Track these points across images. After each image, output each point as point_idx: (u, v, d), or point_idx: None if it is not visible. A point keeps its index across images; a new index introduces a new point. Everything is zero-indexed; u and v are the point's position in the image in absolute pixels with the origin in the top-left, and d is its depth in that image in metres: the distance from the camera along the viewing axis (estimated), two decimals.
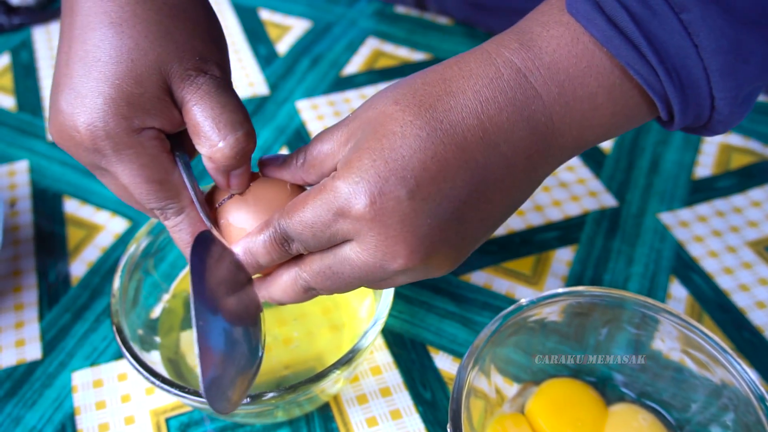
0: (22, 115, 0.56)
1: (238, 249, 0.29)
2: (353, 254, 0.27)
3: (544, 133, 0.27)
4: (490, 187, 0.27)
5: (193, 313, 0.27)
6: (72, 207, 0.50)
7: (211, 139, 0.29)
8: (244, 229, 0.30)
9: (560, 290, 0.35)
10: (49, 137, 0.55)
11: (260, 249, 0.29)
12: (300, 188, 0.31)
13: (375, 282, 0.29)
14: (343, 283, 0.29)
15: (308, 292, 0.30)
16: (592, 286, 0.36)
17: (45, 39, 0.64)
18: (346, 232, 0.27)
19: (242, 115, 0.29)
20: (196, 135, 0.29)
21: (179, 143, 0.31)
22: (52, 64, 0.61)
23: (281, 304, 0.31)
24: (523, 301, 0.35)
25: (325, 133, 0.29)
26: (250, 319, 0.31)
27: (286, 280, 0.30)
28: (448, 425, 0.31)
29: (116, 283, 0.37)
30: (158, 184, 0.30)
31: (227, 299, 0.29)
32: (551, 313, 0.37)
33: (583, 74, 0.26)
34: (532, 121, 0.27)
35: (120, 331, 0.34)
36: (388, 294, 0.36)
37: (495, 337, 0.34)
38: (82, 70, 0.28)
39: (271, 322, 0.40)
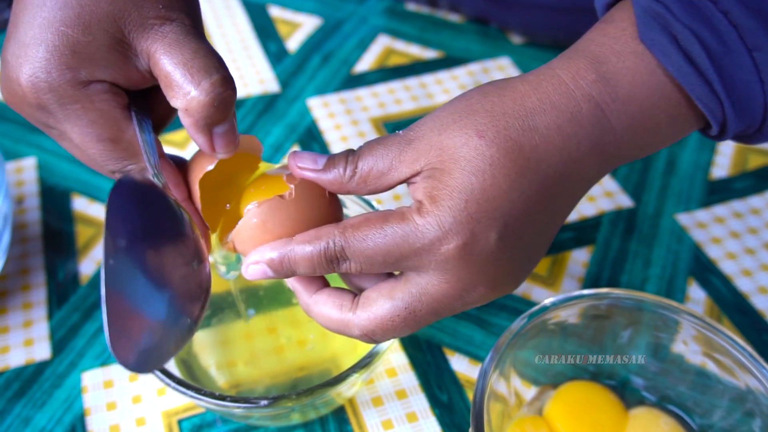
0: None
1: (273, 254, 0.27)
2: (430, 286, 0.27)
3: (610, 160, 0.28)
4: (559, 215, 0.28)
5: (103, 248, 0.24)
6: (81, 205, 0.49)
7: (184, 87, 0.26)
8: (274, 231, 0.28)
9: (585, 291, 0.35)
10: None
11: (304, 260, 0.27)
12: (335, 197, 0.30)
13: (446, 314, 0.28)
14: (414, 322, 0.27)
15: (364, 337, 0.28)
16: (615, 288, 0.35)
17: None
18: (422, 265, 0.26)
19: (216, 60, 0.27)
20: (168, 87, 0.27)
21: (145, 107, 0.29)
22: None
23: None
24: (548, 301, 0.34)
25: (378, 146, 0.28)
26: (186, 291, 0.28)
27: (340, 319, 0.28)
28: (470, 430, 0.30)
29: None
30: (111, 143, 0.27)
31: (159, 258, 0.27)
32: (571, 315, 0.36)
33: (653, 106, 0.27)
34: (604, 153, 0.27)
35: None
36: None
37: (516, 340, 0.34)
38: (27, 17, 0.26)
39: (285, 323, 0.40)
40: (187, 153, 0.52)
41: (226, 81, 0.27)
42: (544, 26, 0.58)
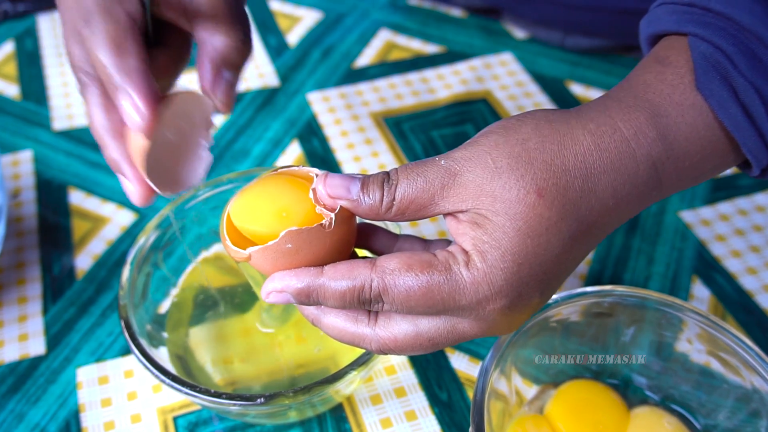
0: (27, 104, 0.55)
1: (301, 285, 0.26)
2: (461, 327, 0.26)
3: (647, 206, 0.28)
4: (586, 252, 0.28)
5: None
6: (77, 198, 0.48)
7: (232, 26, 0.29)
8: (305, 259, 0.27)
9: (588, 288, 0.34)
10: (54, 126, 0.53)
11: (334, 297, 0.26)
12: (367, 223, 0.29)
13: (465, 341, 0.28)
14: (431, 348, 0.27)
15: (379, 351, 0.28)
16: (618, 285, 0.35)
17: (50, 27, 0.62)
18: (463, 316, 0.26)
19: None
20: (216, 20, 0.29)
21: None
22: (58, 52, 0.60)
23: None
24: (576, 291, 0.34)
25: (418, 178, 0.26)
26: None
27: (355, 333, 0.27)
28: (471, 429, 0.30)
29: (125, 275, 0.35)
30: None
31: None
32: (573, 312, 0.35)
33: (703, 159, 0.27)
34: (645, 204, 0.27)
35: (128, 327, 0.33)
36: None
37: (518, 338, 0.33)
38: None
39: (283, 320, 0.39)
40: None
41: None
42: (557, 21, 0.57)
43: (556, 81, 0.56)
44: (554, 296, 0.34)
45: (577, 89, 0.56)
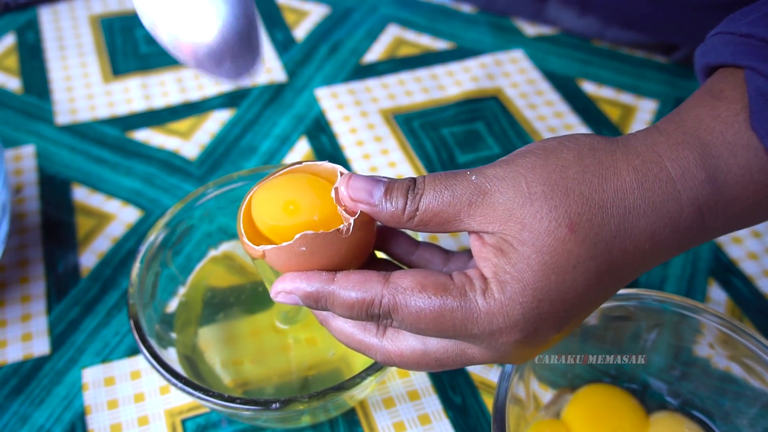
0: (29, 98, 0.54)
1: (310, 289, 0.25)
2: (470, 352, 0.26)
3: (686, 251, 0.27)
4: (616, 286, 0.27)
5: None
6: (81, 195, 0.47)
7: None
8: (319, 263, 0.26)
9: (638, 291, 0.33)
10: (57, 121, 0.52)
11: (343, 306, 0.25)
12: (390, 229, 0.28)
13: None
14: (438, 368, 0.26)
15: (384, 363, 0.27)
16: (639, 289, 0.34)
17: (51, 19, 0.61)
18: (474, 344, 0.25)
19: None
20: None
21: None
22: (59, 45, 0.59)
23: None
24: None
25: (445, 191, 0.25)
26: None
27: (362, 341, 0.27)
28: None
29: (135, 273, 0.34)
30: None
31: None
32: (592, 316, 0.35)
33: (756, 206, 0.25)
34: (685, 248, 0.26)
35: (138, 327, 0.32)
36: None
37: None
38: None
39: (302, 319, 0.38)
40: (191, 143, 0.51)
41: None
42: (597, 6, 0.55)
43: (568, 79, 0.56)
44: None
45: (589, 87, 0.55)
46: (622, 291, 0.34)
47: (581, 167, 0.24)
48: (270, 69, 0.57)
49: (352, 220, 0.25)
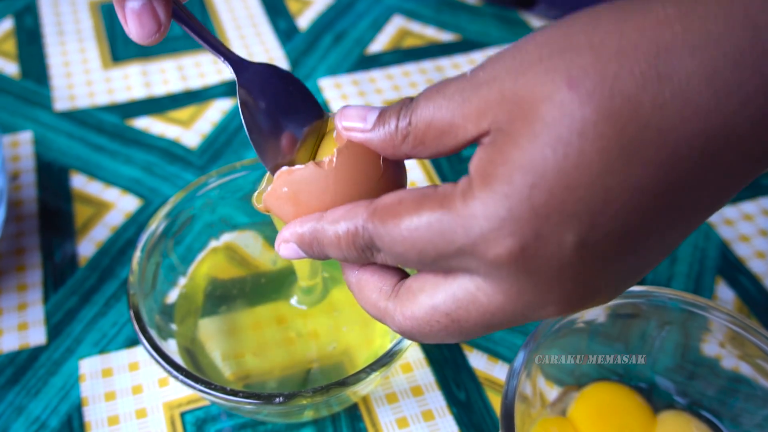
0: (27, 83, 0.53)
1: (303, 230, 0.23)
2: (482, 295, 0.20)
3: None
4: (693, 215, 0.19)
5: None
6: (79, 182, 0.46)
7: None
8: (310, 206, 0.23)
9: (637, 288, 0.33)
10: (56, 107, 0.51)
11: (331, 245, 0.22)
12: (399, 163, 0.24)
13: (501, 328, 0.21)
14: (458, 332, 0.21)
15: (402, 334, 0.23)
16: (645, 286, 0.33)
17: (50, 4, 0.60)
18: (471, 267, 0.20)
19: None
20: None
21: None
22: (58, 30, 0.58)
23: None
24: None
25: (437, 95, 0.20)
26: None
27: (378, 306, 0.23)
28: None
29: (135, 261, 0.34)
30: None
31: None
32: (600, 314, 0.34)
33: None
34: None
35: (138, 318, 0.32)
36: None
37: (545, 340, 0.32)
38: None
39: (296, 315, 0.38)
40: (192, 132, 0.50)
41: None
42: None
43: None
44: None
45: None
46: (640, 288, 0.34)
47: (593, 17, 0.18)
48: (272, 58, 0.56)
49: (335, 150, 0.23)
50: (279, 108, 0.26)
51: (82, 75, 0.54)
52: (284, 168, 0.23)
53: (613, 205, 0.18)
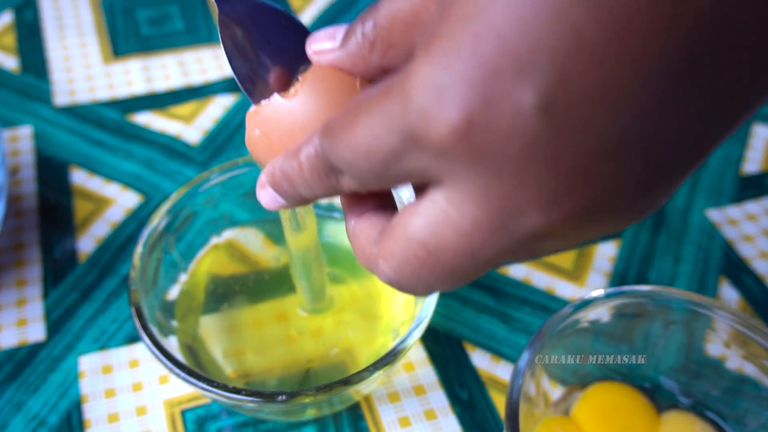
0: (26, 77, 0.53)
1: (273, 169, 0.21)
2: (453, 210, 0.16)
3: None
4: (720, 67, 0.13)
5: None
6: (79, 178, 0.46)
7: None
8: (284, 145, 0.21)
9: (642, 287, 0.33)
10: (56, 102, 0.51)
11: (297, 175, 0.20)
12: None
13: (491, 258, 0.17)
14: (441, 269, 0.17)
15: (390, 284, 0.20)
16: (650, 285, 0.33)
17: None
18: (429, 172, 0.16)
19: None
20: None
21: None
22: (58, 24, 0.57)
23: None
24: (600, 292, 0.32)
25: None
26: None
27: (366, 253, 0.20)
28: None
29: (137, 256, 0.33)
30: None
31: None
32: (605, 313, 0.34)
33: None
34: None
35: (140, 314, 0.31)
36: None
37: (550, 339, 0.31)
38: None
39: (297, 312, 0.37)
40: (193, 128, 0.50)
41: None
42: None
43: None
44: (602, 291, 0.32)
45: None
46: (633, 287, 0.33)
47: None
48: None
49: (298, 77, 0.20)
50: (266, 40, 0.23)
51: (83, 70, 0.53)
52: (252, 108, 0.21)
53: (586, 47, 0.13)
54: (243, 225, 0.40)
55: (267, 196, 0.22)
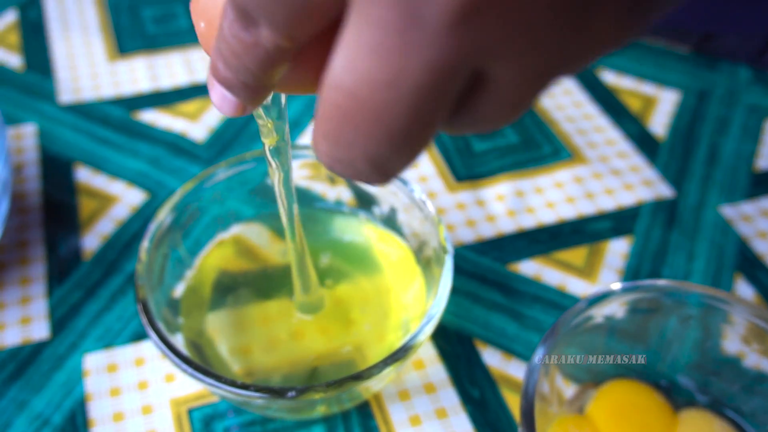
0: (31, 76, 0.52)
1: (212, 53, 0.19)
2: (361, 28, 0.14)
3: None
4: None
5: None
6: (84, 175, 0.46)
7: None
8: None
9: (659, 282, 0.32)
10: (60, 100, 0.50)
11: (227, 53, 0.18)
12: None
13: (429, 80, 0.14)
14: (364, 114, 0.15)
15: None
16: (664, 280, 0.32)
17: None
18: None
19: None
20: None
21: None
22: (63, 23, 0.57)
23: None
24: (617, 285, 0.31)
25: None
26: None
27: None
28: (520, 430, 0.27)
29: (143, 251, 0.33)
30: None
31: None
32: (619, 310, 0.33)
33: None
34: None
35: (146, 309, 0.31)
36: (445, 280, 0.32)
37: (564, 336, 0.31)
38: None
39: (318, 308, 0.37)
40: (199, 126, 0.49)
41: None
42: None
43: (586, 69, 0.54)
44: (619, 285, 0.32)
45: (609, 77, 0.53)
46: (648, 282, 0.33)
47: None
48: None
49: None
50: None
51: (87, 68, 0.53)
52: None
53: None
54: (249, 220, 0.40)
55: (215, 95, 0.20)
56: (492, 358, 0.37)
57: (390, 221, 0.39)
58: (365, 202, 0.39)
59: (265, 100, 0.20)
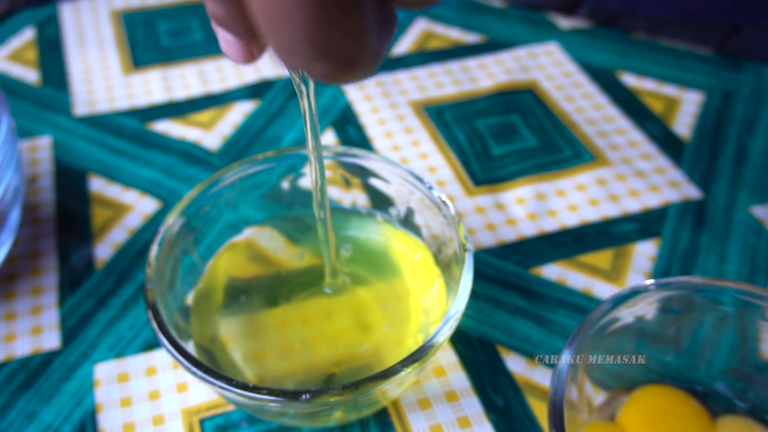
0: (47, 90, 0.52)
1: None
2: None
3: None
4: None
5: None
6: (97, 185, 0.45)
7: None
8: None
9: (694, 278, 0.30)
10: (75, 112, 0.50)
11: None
12: None
13: None
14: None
15: None
16: (701, 277, 0.31)
17: (72, 15, 0.60)
18: None
19: None
20: None
21: None
22: (79, 39, 0.57)
23: None
24: (650, 282, 0.30)
25: None
26: None
27: None
28: None
29: (152, 254, 0.32)
30: None
31: None
32: (649, 310, 0.32)
33: None
34: None
35: (156, 315, 0.30)
36: (465, 282, 0.31)
37: (590, 341, 0.29)
38: None
39: (319, 315, 0.36)
40: (213, 134, 0.49)
41: None
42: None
43: (606, 71, 0.53)
44: (649, 282, 0.30)
45: (629, 79, 0.52)
46: (679, 278, 0.31)
47: None
48: None
49: None
50: None
51: (102, 81, 0.53)
52: None
53: None
54: (262, 224, 0.39)
55: (222, 42, 0.20)
56: (516, 364, 0.36)
57: (407, 223, 0.37)
58: (381, 204, 0.38)
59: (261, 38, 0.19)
